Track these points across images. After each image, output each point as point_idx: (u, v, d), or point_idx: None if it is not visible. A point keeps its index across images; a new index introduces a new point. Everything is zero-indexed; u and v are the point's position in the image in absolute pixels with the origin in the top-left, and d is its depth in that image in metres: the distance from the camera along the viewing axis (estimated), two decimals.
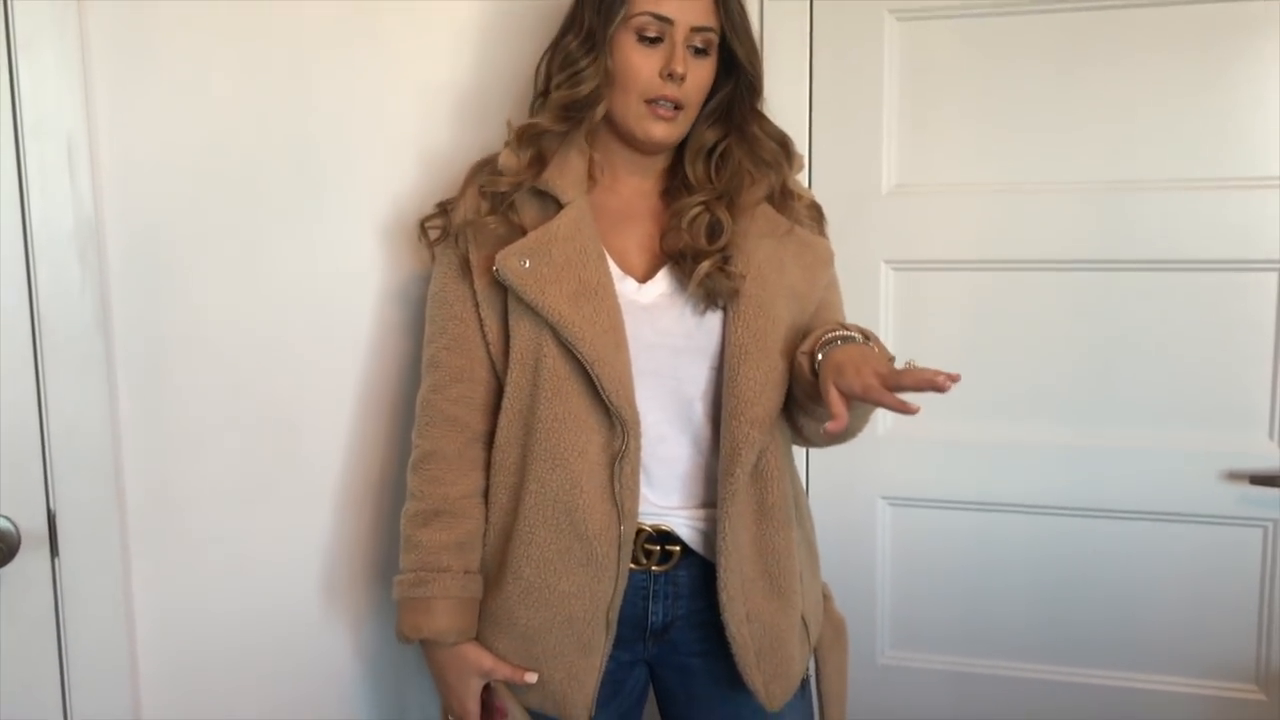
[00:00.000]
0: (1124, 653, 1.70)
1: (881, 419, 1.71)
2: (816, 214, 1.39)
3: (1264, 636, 1.65)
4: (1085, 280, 1.63)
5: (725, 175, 1.30)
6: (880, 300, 1.69)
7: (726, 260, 1.26)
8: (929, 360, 1.67)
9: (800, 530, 1.35)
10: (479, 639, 1.32)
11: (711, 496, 1.29)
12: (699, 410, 1.29)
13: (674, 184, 1.35)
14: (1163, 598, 1.67)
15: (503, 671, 1.27)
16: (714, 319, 1.28)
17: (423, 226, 1.37)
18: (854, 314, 1.41)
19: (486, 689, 1.30)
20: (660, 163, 1.35)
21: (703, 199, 1.28)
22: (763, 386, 1.23)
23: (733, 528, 1.25)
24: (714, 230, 1.27)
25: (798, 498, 1.37)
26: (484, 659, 1.28)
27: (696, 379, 1.29)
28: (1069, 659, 1.72)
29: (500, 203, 1.29)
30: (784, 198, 1.34)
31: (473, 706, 1.28)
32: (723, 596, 1.26)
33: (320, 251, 1.49)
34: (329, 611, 1.58)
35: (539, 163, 1.29)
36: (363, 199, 1.51)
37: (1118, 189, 1.60)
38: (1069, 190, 1.61)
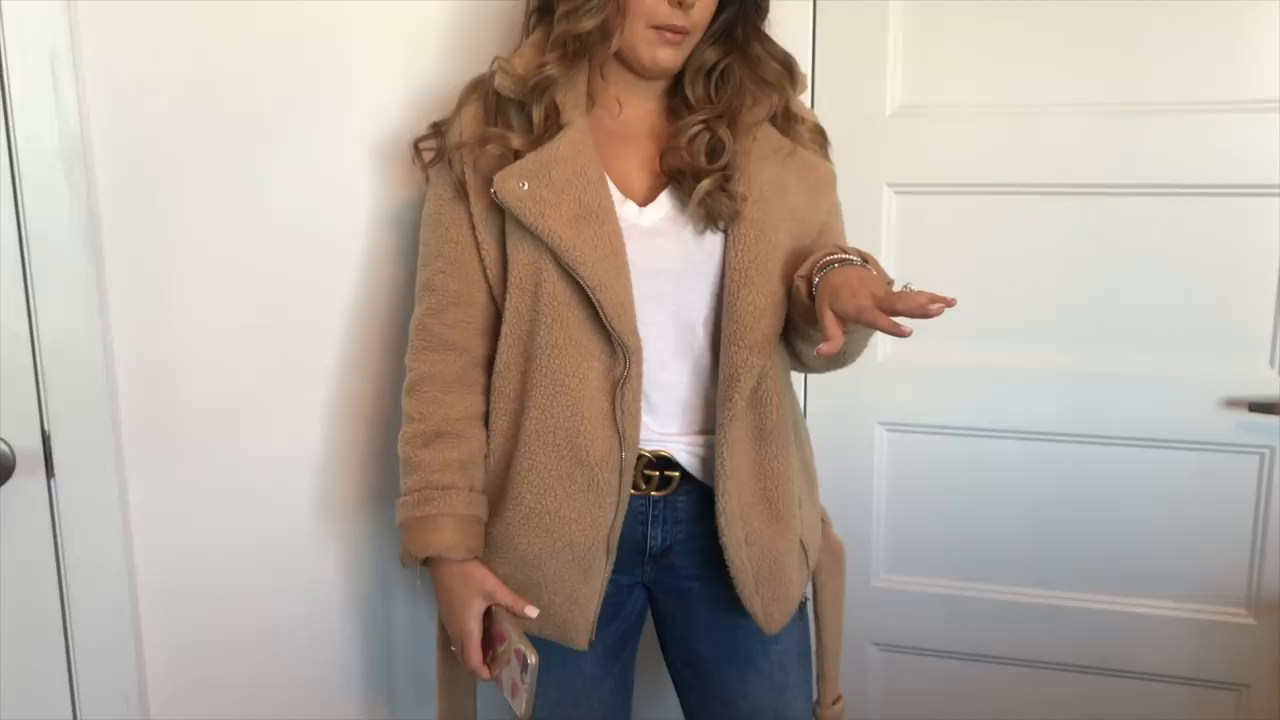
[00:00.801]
0: (1116, 577, 1.72)
1: (880, 344, 1.70)
2: (820, 137, 1.36)
3: (1255, 562, 1.66)
4: (1089, 205, 1.61)
5: (726, 94, 1.27)
6: (882, 223, 1.67)
7: (728, 180, 1.23)
8: (929, 285, 1.67)
9: (799, 455, 1.34)
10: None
11: (711, 422, 1.28)
12: (700, 336, 1.28)
13: (674, 104, 1.31)
14: (1157, 523, 1.68)
15: (504, 596, 1.26)
16: (715, 242, 1.26)
17: (416, 147, 1.34)
18: (855, 237, 1.39)
19: (488, 614, 1.30)
20: (661, 84, 1.31)
21: (703, 117, 1.25)
22: (761, 311, 1.22)
23: (731, 453, 1.25)
24: (714, 149, 1.25)
25: (796, 422, 1.36)
26: (487, 580, 1.27)
27: (698, 304, 1.27)
28: (1062, 583, 1.74)
29: (503, 114, 1.26)
30: (786, 120, 1.31)
31: (474, 628, 1.27)
32: (721, 521, 1.26)
33: (312, 172, 1.47)
34: (323, 531, 1.58)
35: (551, 113, 1.25)
36: (353, 120, 1.48)
37: (1125, 111, 1.57)
38: (1076, 113, 1.58)
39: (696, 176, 1.23)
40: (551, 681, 1.40)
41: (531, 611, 1.24)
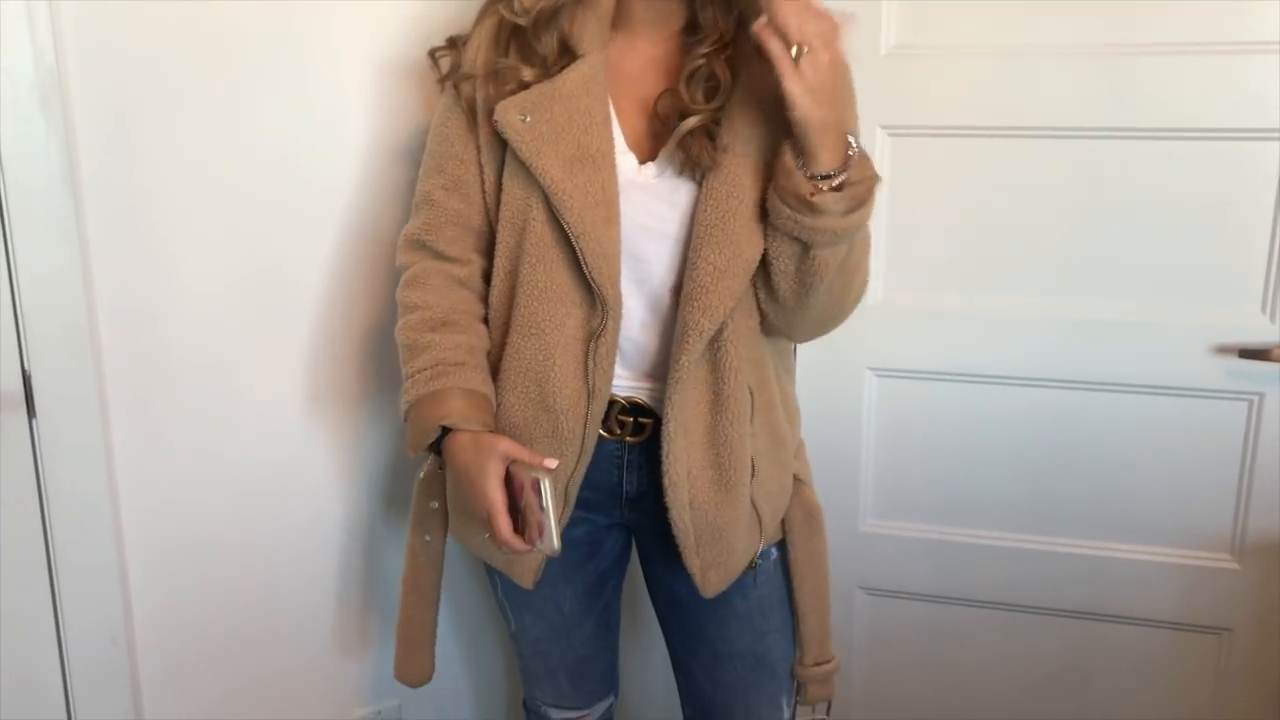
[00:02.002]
0: (1103, 523, 1.72)
1: (871, 290, 1.67)
2: None
3: (1241, 507, 1.67)
4: (1084, 148, 1.59)
5: (733, 13, 1.19)
6: (876, 166, 1.63)
7: (716, 123, 1.17)
8: (921, 228, 1.67)
9: (765, 418, 1.29)
10: (447, 480, 1.33)
11: None
12: (670, 298, 1.24)
13: (689, 41, 1.22)
14: (1144, 469, 1.68)
15: (521, 453, 1.18)
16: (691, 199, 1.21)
17: (433, 56, 1.29)
18: None
19: (508, 481, 1.21)
20: (680, 14, 1.23)
21: (704, 51, 1.18)
22: (720, 273, 1.17)
23: (678, 414, 1.21)
24: (711, 89, 1.19)
25: (760, 384, 1.28)
26: (500, 441, 1.19)
27: (677, 266, 1.22)
28: (1049, 528, 1.74)
29: (515, 42, 1.21)
30: None
31: (497, 495, 1.17)
32: (665, 481, 1.23)
33: (296, 103, 1.44)
34: (310, 470, 1.59)
35: (561, 45, 1.20)
36: (337, 52, 1.45)
37: (1122, 53, 1.54)
38: (1072, 54, 1.56)
39: (685, 117, 1.18)
40: (531, 618, 1.41)
41: (551, 462, 1.15)
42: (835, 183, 1.10)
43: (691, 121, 1.17)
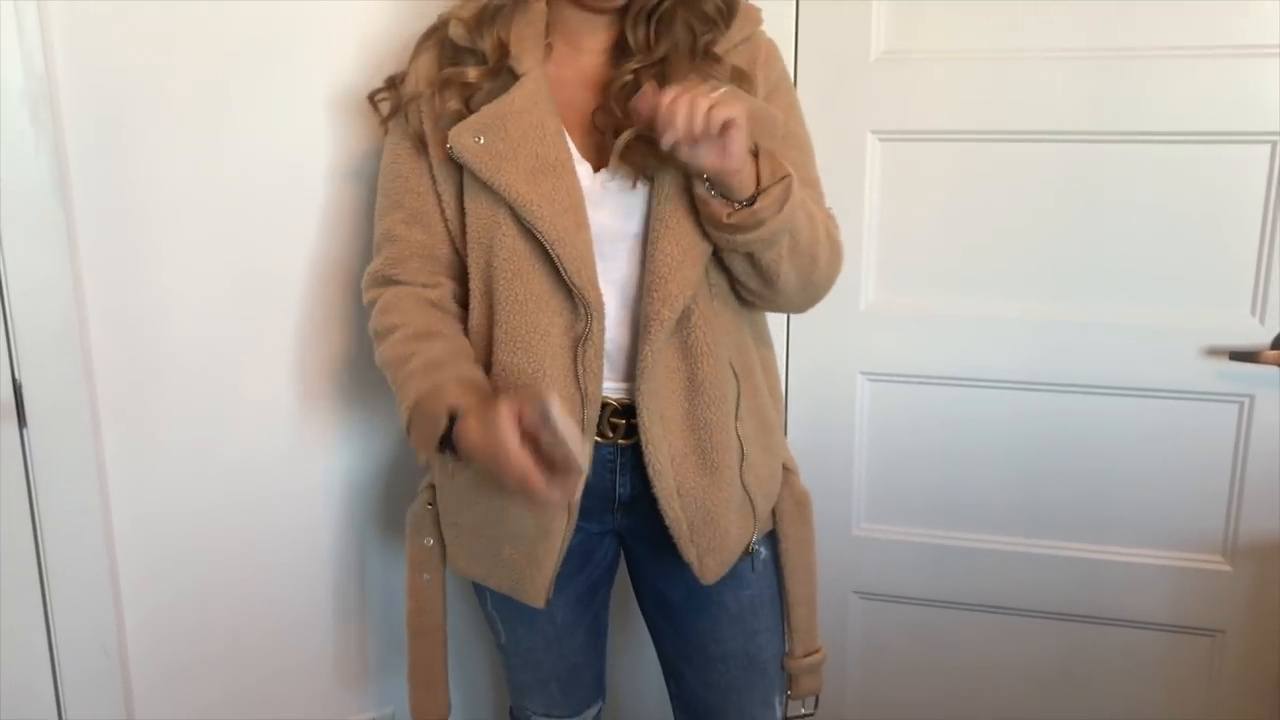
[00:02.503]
0: (1095, 525, 1.72)
1: (862, 293, 1.69)
2: (741, 81, 1.24)
3: (1232, 509, 1.67)
4: (1075, 152, 1.59)
5: (666, 39, 1.21)
6: (866, 171, 1.65)
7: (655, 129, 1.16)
8: (912, 233, 1.67)
9: (752, 403, 1.30)
10: (442, 512, 1.33)
11: None
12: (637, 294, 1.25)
13: (620, 54, 1.25)
14: (1135, 471, 1.69)
15: (521, 401, 1.14)
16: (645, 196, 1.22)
17: (372, 100, 1.31)
18: (837, 185, 1.37)
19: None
20: (611, 28, 1.25)
21: (634, 67, 1.20)
22: (678, 263, 1.18)
23: (651, 404, 1.23)
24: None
25: (747, 371, 1.30)
26: (500, 405, 1.13)
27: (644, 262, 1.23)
28: (1041, 531, 1.74)
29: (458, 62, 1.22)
30: (706, 59, 1.22)
31: (520, 457, 1.11)
32: (649, 472, 1.24)
33: (279, 116, 1.45)
34: (300, 477, 1.58)
35: (500, 47, 1.21)
36: (312, 67, 1.45)
37: (1113, 57, 1.55)
38: (1063, 58, 1.56)
39: (618, 133, 1.18)
40: (523, 630, 1.40)
41: (552, 399, 1.10)
42: (748, 198, 1.13)
43: (625, 136, 1.17)
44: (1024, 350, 1.67)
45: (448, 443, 1.19)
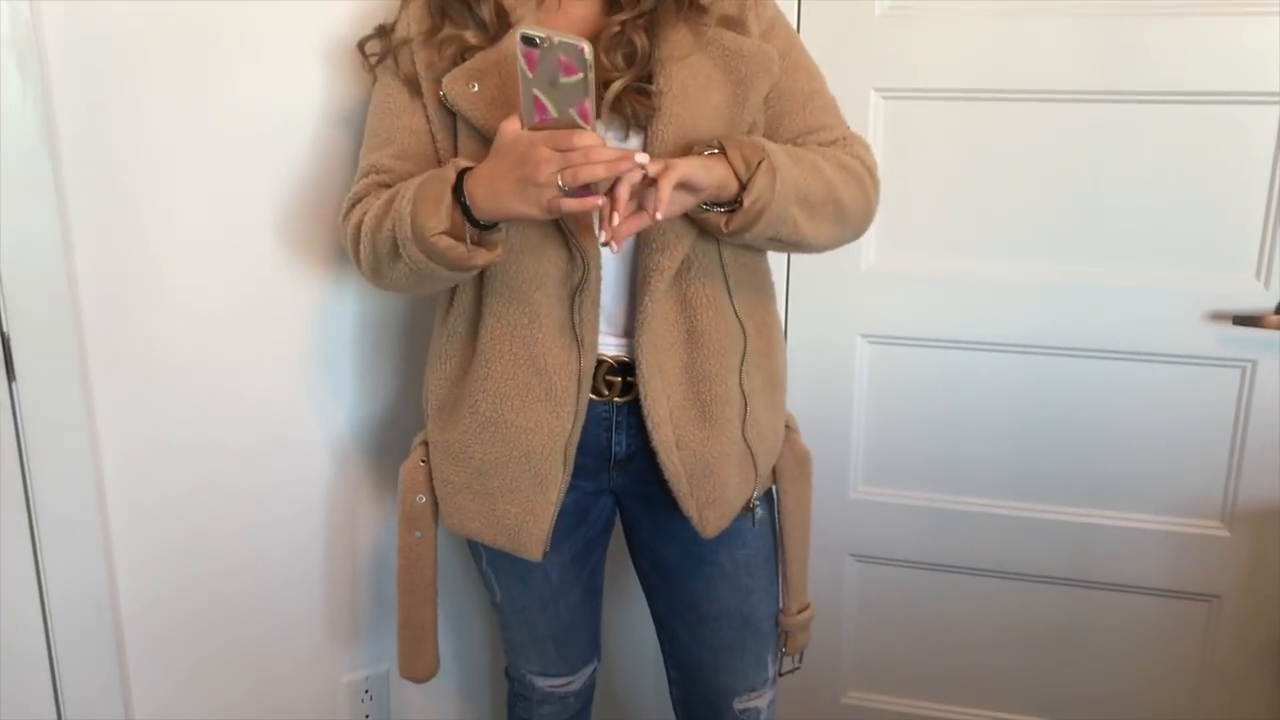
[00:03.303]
0: (1094, 490, 1.72)
1: (863, 255, 1.68)
2: (731, 26, 1.23)
3: (1232, 475, 1.66)
4: (1080, 113, 1.57)
5: None
6: (869, 129, 1.62)
7: (647, 81, 1.17)
8: (914, 193, 1.65)
9: (761, 359, 1.30)
10: (435, 469, 1.32)
11: None
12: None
13: (609, 4, 1.23)
14: (1136, 436, 1.68)
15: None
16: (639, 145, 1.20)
17: (361, 48, 1.29)
18: None
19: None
20: None
21: (622, 19, 1.18)
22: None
23: (650, 355, 1.22)
24: (631, 55, 1.18)
25: (758, 326, 1.30)
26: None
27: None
28: (1039, 496, 1.74)
29: (450, 12, 1.20)
30: (693, 10, 1.20)
31: (528, 130, 1.04)
32: (648, 424, 1.24)
33: (280, 67, 1.42)
34: (295, 431, 1.57)
35: (500, 13, 1.19)
36: (325, 13, 1.42)
37: (1119, 14, 1.52)
38: (1068, 16, 1.54)
39: (608, 85, 1.17)
40: (519, 588, 1.40)
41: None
42: (735, 197, 1.13)
43: (615, 87, 1.16)
44: (1025, 313, 1.66)
45: (467, 229, 1.11)
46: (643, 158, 1.04)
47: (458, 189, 1.10)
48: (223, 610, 1.58)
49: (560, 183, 1.02)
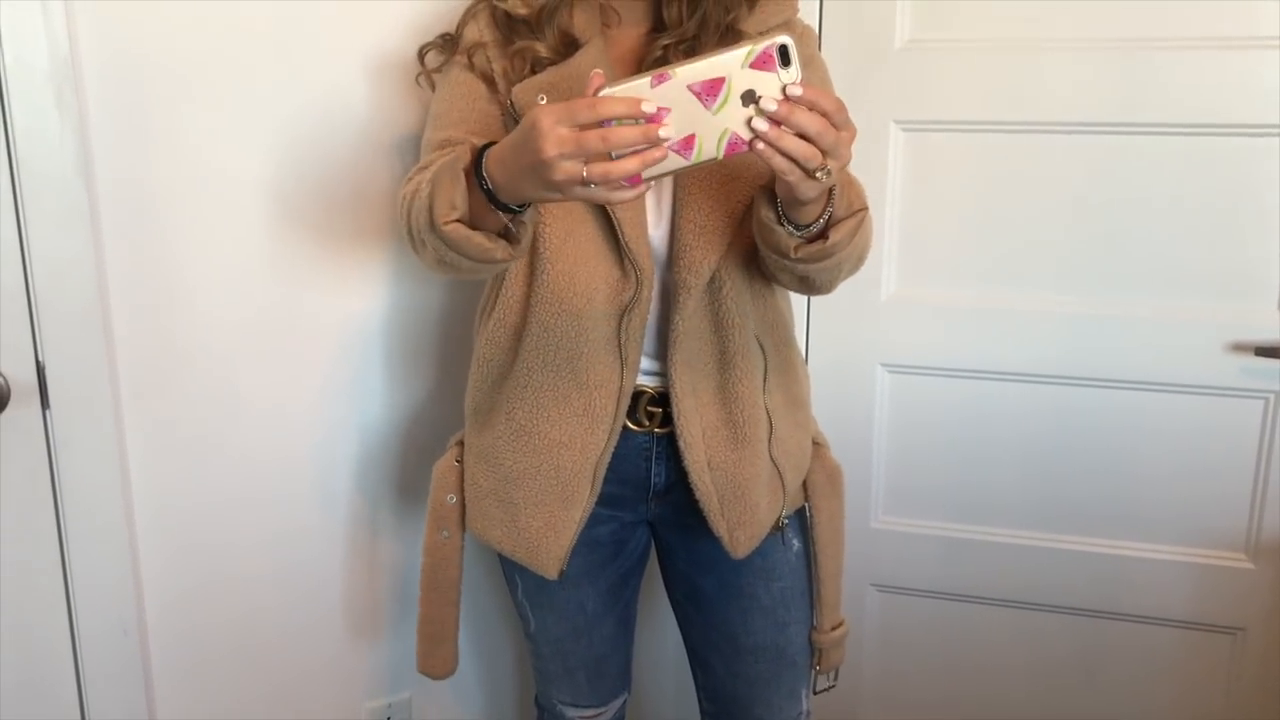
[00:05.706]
0: (1116, 521, 1.71)
1: (883, 285, 1.69)
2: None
3: (1256, 506, 1.65)
4: (1099, 144, 1.58)
5: (697, 15, 1.20)
6: (889, 161, 1.64)
7: None
8: (934, 224, 1.66)
9: (780, 378, 1.31)
10: (466, 470, 1.33)
11: None
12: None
13: (657, 31, 1.24)
14: (1158, 467, 1.67)
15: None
16: None
17: (421, 55, 1.29)
18: (859, 176, 1.36)
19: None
20: (648, 5, 1.24)
21: (665, 43, 1.20)
22: (701, 230, 1.19)
23: (683, 375, 1.23)
24: None
25: (776, 345, 1.31)
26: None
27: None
28: (1061, 526, 1.73)
29: (515, 31, 1.21)
30: (729, 35, 1.20)
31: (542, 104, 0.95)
32: (680, 445, 1.24)
33: (309, 96, 1.44)
34: (323, 456, 1.58)
35: (565, 39, 1.20)
36: (354, 44, 1.44)
37: (1137, 48, 1.53)
38: (1088, 49, 1.55)
39: None
40: (553, 618, 1.40)
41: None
42: (817, 228, 1.08)
43: None
44: (1045, 343, 1.66)
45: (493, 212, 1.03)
46: (795, 90, 0.92)
47: (480, 173, 1.02)
48: (249, 636, 1.59)
49: (585, 176, 0.91)
